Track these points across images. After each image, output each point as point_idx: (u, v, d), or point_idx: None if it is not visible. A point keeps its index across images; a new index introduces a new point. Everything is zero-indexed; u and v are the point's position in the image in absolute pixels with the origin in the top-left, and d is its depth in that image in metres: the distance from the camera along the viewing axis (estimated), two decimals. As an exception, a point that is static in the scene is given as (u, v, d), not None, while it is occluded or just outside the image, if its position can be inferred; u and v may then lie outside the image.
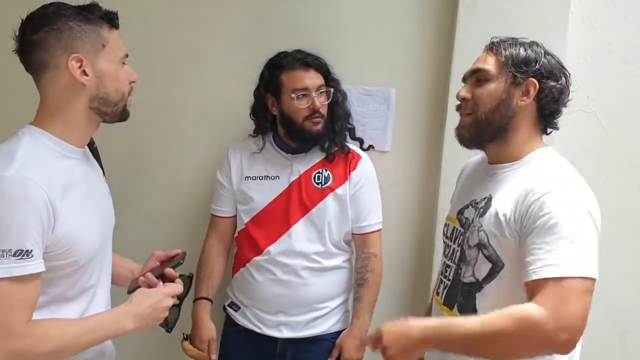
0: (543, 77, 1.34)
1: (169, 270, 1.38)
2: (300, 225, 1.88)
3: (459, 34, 1.92)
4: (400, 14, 2.04)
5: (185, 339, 1.91)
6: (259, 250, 1.89)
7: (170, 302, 1.31)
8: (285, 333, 1.90)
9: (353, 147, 1.98)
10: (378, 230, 1.95)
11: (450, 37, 1.96)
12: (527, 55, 1.35)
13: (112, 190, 1.45)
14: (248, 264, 1.91)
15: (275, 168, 1.91)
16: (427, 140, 2.09)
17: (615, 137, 1.96)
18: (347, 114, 1.98)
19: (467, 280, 1.37)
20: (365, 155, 1.97)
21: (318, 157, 1.91)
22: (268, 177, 1.91)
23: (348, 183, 1.90)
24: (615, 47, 1.93)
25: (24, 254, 1.11)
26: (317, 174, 1.90)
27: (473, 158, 1.59)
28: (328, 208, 1.88)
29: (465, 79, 1.44)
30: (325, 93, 1.87)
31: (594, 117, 1.97)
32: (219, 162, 1.99)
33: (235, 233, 1.98)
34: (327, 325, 1.92)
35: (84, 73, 1.21)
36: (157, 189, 2.23)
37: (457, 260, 1.42)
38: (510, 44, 1.37)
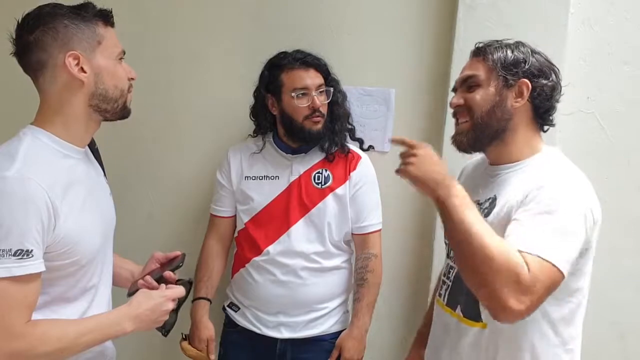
0: (534, 76, 1.34)
1: (169, 274, 1.37)
2: (300, 226, 1.88)
3: (459, 34, 1.91)
4: (400, 14, 2.04)
5: (184, 339, 1.91)
6: (259, 250, 1.88)
7: (172, 305, 1.31)
8: (285, 333, 1.89)
9: (353, 147, 1.98)
10: (378, 231, 1.94)
11: (450, 37, 1.96)
12: (515, 57, 1.35)
13: (112, 191, 1.45)
14: (248, 265, 1.91)
15: (275, 168, 1.91)
16: (426, 141, 2.01)
17: (615, 137, 1.96)
18: (347, 114, 1.97)
19: None
20: (366, 156, 1.97)
21: (318, 157, 1.91)
22: (268, 177, 1.91)
23: (348, 183, 1.90)
24: (615, 47, 1.93)
25: (24, 254, 1.11)
26: (317, 174, 1.90)
27: (472, 159, 1.59)
28: (328, 208, 1.88)
29: (456, 88, 1.43)
30: (325, 93, 1.87)
31: (594, 117, 1.97)
32: (219, 162, 1.99)
33: (235, 233, 1.98)
34: (326, 326, 1.92)
35: (82, 70, 1.22)
36: (157, 189, 2.23)
37: None
38: (497, 48, 1.37)
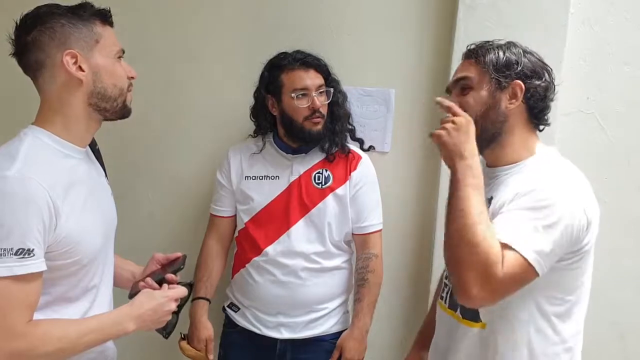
0: (527, 77, 1.33)
1: (170, 276, 1.38)
2: (300, 226, 1.87)
3: (459, 35, 1.91)
4: (400, 14, 2.04)
5: (183, 339, 1.91)
6: (259, 250, 1.88)
7: (174, 306, 1.31)
8: (285, 334, 1.89)
9: (353, 147, 1.98)
10: (379, 231, 1.94)
11: (450, 37, 1.96)
12: (507, 58, 1.33)
13: (112, 191, 1.45)
14: (248, 265, 1.91)
15: (275, 168, 1.91)
16: (426, 141, 2.08)
17: (615, 138, 1.96)
18: (347, 115, 1.97)
19: None
20: (366, 156, 1.97)
21: (318, 157, 1.91)
22: (268, 177, 1.91)
23: (348, 183, 1.90)
24: (615, 48, 1.93)
25: (26, 253, 1.11)
26: (317, 174, 1.90)
27: None
28: (328, 208, 1.88)
29: (450, 91, 1.42)
30: (325, 93, 1.87)
31: (594, 117, 1.97)
32: (219, 162, 1.99)
33: (235, 233, 1.98)
34: (326, 326, 1.92)
35: (80, 69, 1.22)
36: (157, 189, 2.23)
37: None
38: (488, 49, 1.36)
